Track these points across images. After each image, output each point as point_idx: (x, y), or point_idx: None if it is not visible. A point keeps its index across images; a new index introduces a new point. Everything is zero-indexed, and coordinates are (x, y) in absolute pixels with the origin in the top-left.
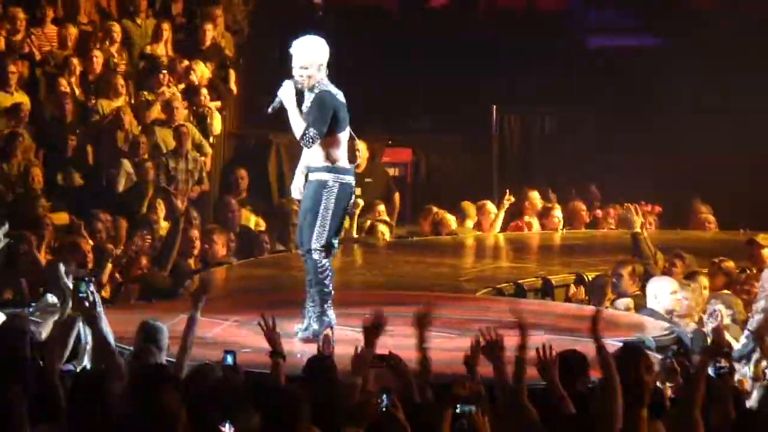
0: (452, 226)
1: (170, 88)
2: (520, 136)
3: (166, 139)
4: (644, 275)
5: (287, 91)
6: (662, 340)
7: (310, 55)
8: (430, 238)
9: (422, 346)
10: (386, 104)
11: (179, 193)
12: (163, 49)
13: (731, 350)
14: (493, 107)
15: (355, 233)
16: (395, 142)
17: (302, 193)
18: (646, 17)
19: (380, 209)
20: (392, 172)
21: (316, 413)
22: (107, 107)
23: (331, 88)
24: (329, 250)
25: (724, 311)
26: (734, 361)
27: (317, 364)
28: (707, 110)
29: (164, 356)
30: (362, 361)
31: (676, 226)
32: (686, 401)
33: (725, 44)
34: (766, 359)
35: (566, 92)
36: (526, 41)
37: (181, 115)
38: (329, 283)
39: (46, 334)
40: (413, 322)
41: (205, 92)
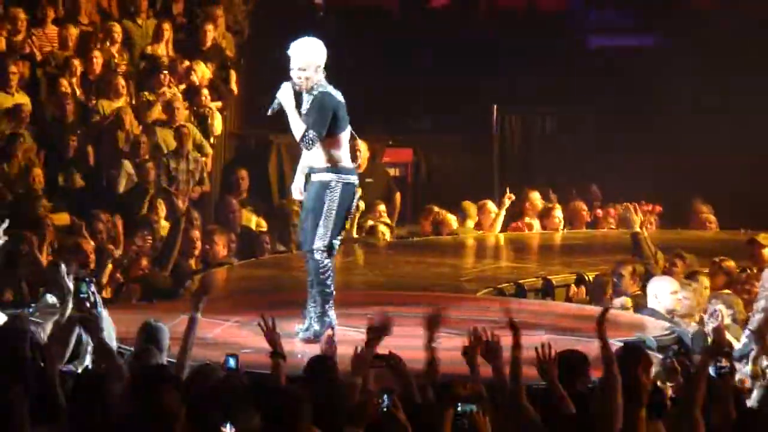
0: (453, 226)
1: (171, 88)
2: (520, 136)
3: (167, 139)
4: (645, 275)
5: (286, 93)
6: (663, 339)
7: (307, 56)
8: (430, 238)
9: (431, 346)
10: (387, 104)
11: (180, 193)
12: (163, 49)
13: (732, 350)
14: (493, 107)
15: (355, 233)
16: (396, 142)
17: (303, 193)
18: (646, 17)
19: (381, 209)
20: (393, 172)
21: (316, 414)
22: (108, 108)
23: (329, 89)
24: (331, 250)
25: (724, 311)
26: (735, 360)
27: (318, 364)
28: (707, 110)
29: (165, 357)
30: (362, 361)
31: (676, 225)
32: (687, 401)
33: (725, 44)
34: (766, 358)
35: (567, 92)
36: (526, 41)
37: (182, 115)
38: (331, 283)
39: (46, 334)
40: (424, 323)
41: (205, 92)
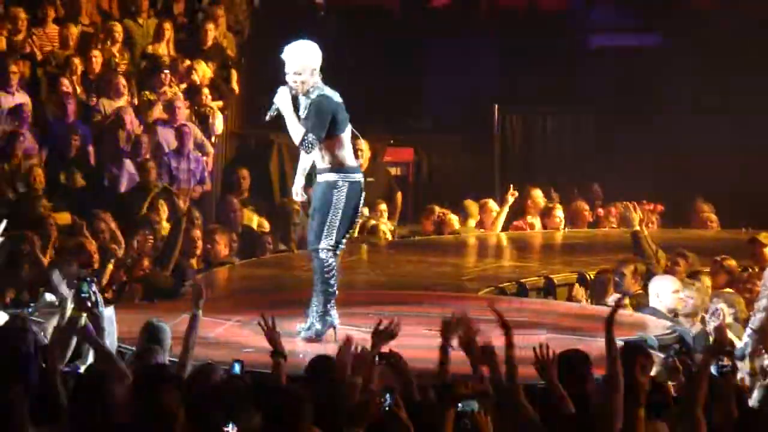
0: (455, 226)
1: (172, 87)
2: (521, 135)
3: (168, 138)
4: (647, 274)
5: (283, 97)
6: (665, 338)
7: (302, 60)
8: (432, 237)
9: (445, 349)
10: (388, 104)
11: (181, 193)
12: (164, 48)
13: (734, 349)
14: (494, 107)
15: (356, 233)
16: (397, 141)
17: (303, 195)
18: (646, 17)
19: (382, 209)
20: (394, 171)
21: (318, 413)
22: (109, 107)
23: (326, 90)
24: (336, 249)
25: (726, 310)
26: (737, 359)
27: (320, 364)
28: (707, 110)
29: (167, 356)
30: (362, 360)
31: (677, 224)
32: (689, 400)
33: (725, 44)
34: (766, 356)
35: (568, 92)
36: (527, 41)
37: (183, 114)
38: (334, 282)
39: (47, 334)
40: (441, 327)
41: (206, 92)
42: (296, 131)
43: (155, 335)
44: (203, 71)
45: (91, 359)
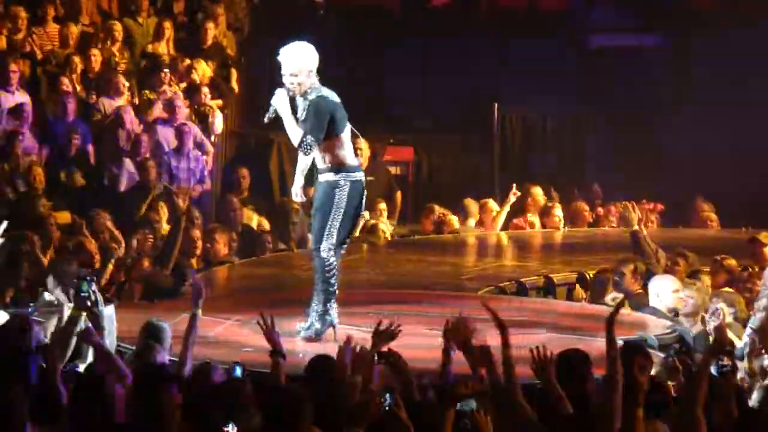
0: (455, 226)
1: (172, 86)
2: (521, 135)
3: (168, 137)
4: (647, 273)
5: (280, 99)
6: (665, 338)
7: (298, 61)
8: (431, 236)
9: (448, 352)
10: (388, 103)
11: (181, 192)
12: (164, 47)
13: (734, 349)
14: (494, 106)
15: (357, 232)
16: (397, 140)
17: (303, 196)
18: (646, 17)
19: (381, 208)
20: (394, 170)
21: (318, 413)
22: (109, 106)
23: (324, 91)
24: (339, 248)
25: (726, 309)
26: (737, 359)
27: (319, 363)
28: (707, 109)
29: (167, 355)
30: (362, 360)
31: (677, 224)
32: (688, 400)
33: (725, 44)
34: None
35: (567, 91)
36: (527, 40)
37: (182, 113)
38: (335, 282)
39: (47, 333)
40: (445, 331)
41: (206, 91)
42: (294, 133)
43: (155, 335)
44: (203, 70)
45: (90, 358)
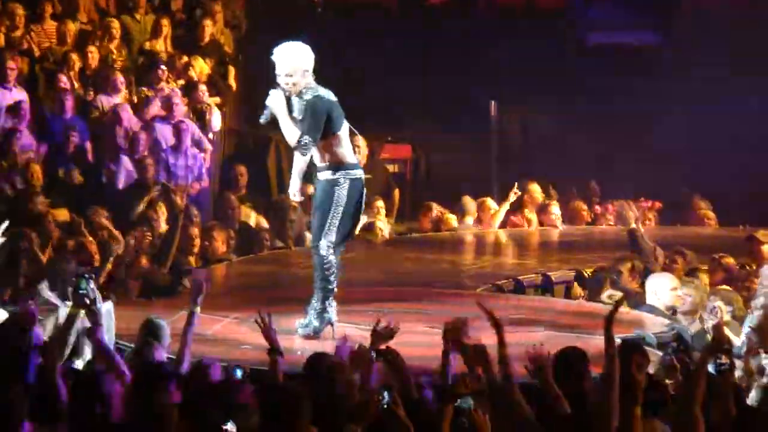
0: (453, 224)
1: (169, 84)
2: (519, 132)
3: (165, 135)
4: (644, 271)
5: (276, 100)
6: (662, 336)
7: (293, 62)
8: (429, 234)
9: (448, 354)
10: (385, 100)
11: (179, 189)
12: (162, 44)
13: (732, 347)
14: (492, 104)
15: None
16: (395, 138)
17: (301, 196)
18: (645, 14)
19: (378, 206)
20: (392, 168)
21: (317, 411)
22: (107, 104)
23: (320, 90)
24: (339, 246)
25: (723, 308)
26: (735, 357)
27: (318, 361)
28: (705, 107)
29: (165, 353)
30: (360, 358)
31: (675, 222)
32: (686, 398)
33: (723, 42)
34: (764, 355)
35: (565, 89)
36: (525, 38)
37: (180, 111)
38: (333, 279)
39: (46, 332)
40: (444, 333)
41: (204, 88)
42: (291, 134)
43: (154, 333)
44: (200, 67)
45: (88, 356)
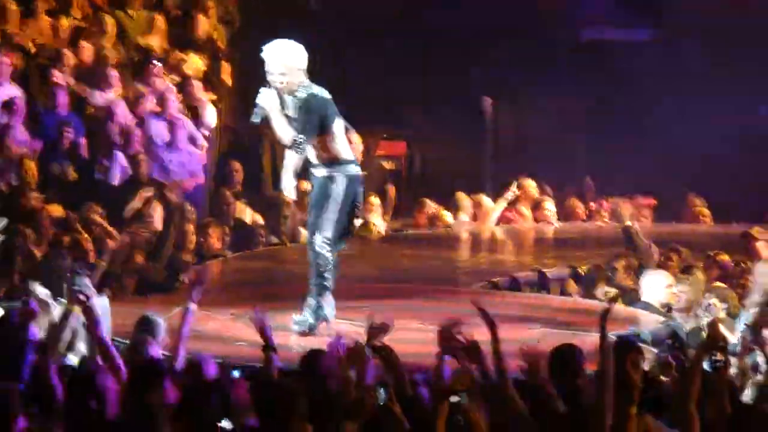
0: (448, 221)
1: (164, 80)
2: (514, 129)
3: (160, 131)
4: (639, 269)
5: (268, 99)
6: (657, 333)
7: (285, 60)
8: (424, 231)
9: (442, 357)
10: (380, 97)
11: (174, 186)
12: (156, 40)
13: (727, 344)
14: (487, 100)
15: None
16: (390, 135)
17: (295, 194)
18: (639, 11)
19: (373, 202)
20: (387, 165)
21: (312, 408)
22: (101, 99)
23: (314, 88)
24: (335, 244)
25: (719, 305)
26: (730, 354)
27: (313, 358)
28: (700, 104)
29: (160, 349)
30: (355, 354)
31: (670, 219)
32: (681, 395)
33: (717, 38)
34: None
35: (560, 85)
36: (519, 34)
37: (174, 107)
38: (329, 276)
39: (41, 328)
40: (438, 336)
41: (198, 84)
42: (285, 133)
43: (150, 330)
44: (195, 63)
45: (83, 351)
